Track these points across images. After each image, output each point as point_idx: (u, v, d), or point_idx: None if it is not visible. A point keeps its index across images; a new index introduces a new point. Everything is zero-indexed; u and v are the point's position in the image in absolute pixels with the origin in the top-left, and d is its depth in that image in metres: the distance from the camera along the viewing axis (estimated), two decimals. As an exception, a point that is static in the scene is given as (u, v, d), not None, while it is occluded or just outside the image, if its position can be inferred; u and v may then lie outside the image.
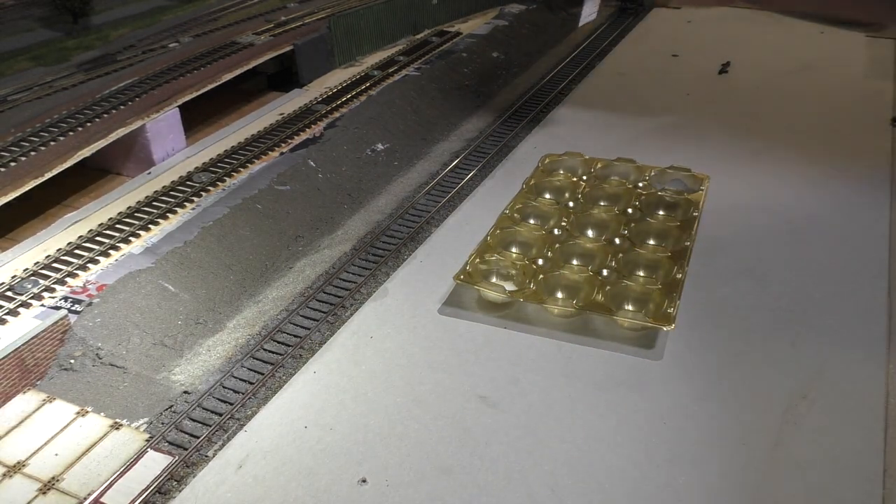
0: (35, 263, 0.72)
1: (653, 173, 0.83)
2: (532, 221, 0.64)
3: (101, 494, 0.43)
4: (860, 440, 0.46)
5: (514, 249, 0.63)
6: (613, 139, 1.36)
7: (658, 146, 1.17)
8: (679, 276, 0.56)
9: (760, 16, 3.92)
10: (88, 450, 0.52)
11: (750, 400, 0.45)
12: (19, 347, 0.63)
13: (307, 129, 0.84)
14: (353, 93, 0.97)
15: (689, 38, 3.52)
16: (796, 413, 0.45)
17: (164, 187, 0.74)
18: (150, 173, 0.78)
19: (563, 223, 0.63)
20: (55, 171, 0.74)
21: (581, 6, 3.83)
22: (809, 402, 0.45)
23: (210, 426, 0.54)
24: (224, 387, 0.56)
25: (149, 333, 0.53)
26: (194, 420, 0.58)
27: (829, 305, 0.57)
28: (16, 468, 0.49)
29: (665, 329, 0.50)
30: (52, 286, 0.71)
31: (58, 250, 0.74)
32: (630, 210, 0.67)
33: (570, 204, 0.70)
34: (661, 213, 0.69)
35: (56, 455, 0.47)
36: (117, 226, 0.72)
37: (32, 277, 0.66)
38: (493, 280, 0.59)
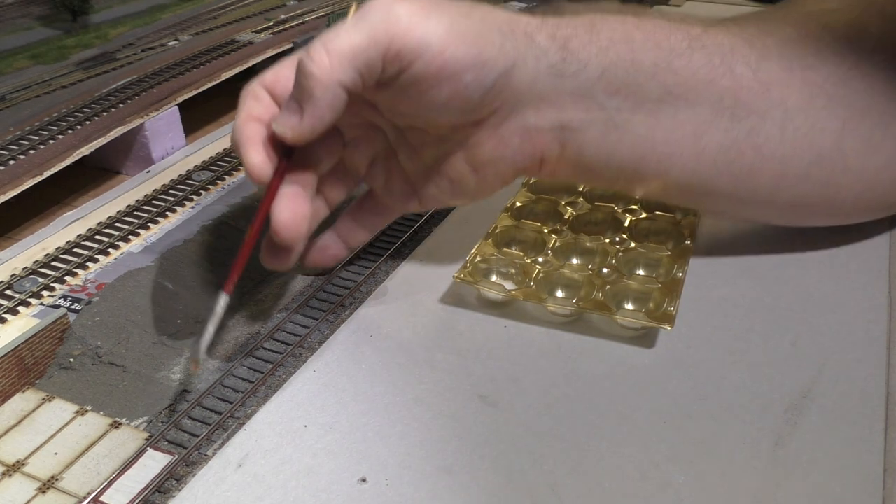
0: (34, 262, 0.69)
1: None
2: (532, 220, 0.61)
3: (101, 493, 0.40)
4: (860, 440, 0.43)
5: (514, 248, 0.60)
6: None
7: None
8: (679, 275, 0.52)
9: (760, 15, 4.00)
10: (88, 449, 0.49)
11: (750, 400, 0.42)
12: (18, 346, 0.59)
13: (306, 128, 0.81)
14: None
15: (689, 37, 3.64)
16: (796, 413, 0.43)
17: (163, 185, 0.70)
18: (149, 171, 0.74)
19: (563, 222, 0.60)
20: (54, 170, 0.71)
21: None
22: (809, 401, 0.42)
23: (210, 425, 0.51)
24: (224, 385, 0.52)
25: (148, 332, 0.50)
26: (194, 419, 0.55)
27: (829, 305, 0.54)
28: (15, 467, 0.47)
29: (665, 329, 0.47)
30: (52, 284, 0.67)
31: (57, 249, 0.70)
32: (630, 208, 0.64)
33: (570, 202, 0.67)
34: (661, 211, 0.65)
35: (55, 454, 0.45)
36: (117, 224, 0.68)
37: (31, 276, 0.63)
38: (494, 279, 0.56)
